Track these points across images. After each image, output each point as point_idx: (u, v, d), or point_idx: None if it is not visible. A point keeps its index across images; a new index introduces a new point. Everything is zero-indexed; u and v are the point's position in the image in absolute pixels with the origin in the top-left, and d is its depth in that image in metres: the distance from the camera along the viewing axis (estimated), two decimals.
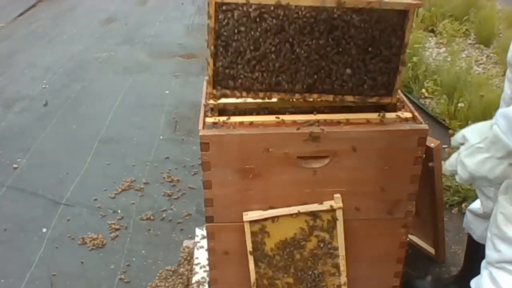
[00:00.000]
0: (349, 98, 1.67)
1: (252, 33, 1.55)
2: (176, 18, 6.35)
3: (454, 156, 1.41)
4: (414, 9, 1.56)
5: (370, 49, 1.59)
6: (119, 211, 2.80)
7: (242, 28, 1.55)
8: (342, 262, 1.73)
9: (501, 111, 1.29)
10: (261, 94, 1.66)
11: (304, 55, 1.58)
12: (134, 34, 5.82)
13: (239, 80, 1.63)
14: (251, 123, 1.63)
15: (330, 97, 1.66)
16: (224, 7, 1.53)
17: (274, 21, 1.54)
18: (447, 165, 1.44)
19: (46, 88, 4.43)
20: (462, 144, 1.39)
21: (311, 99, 1.67)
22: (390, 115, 1.67)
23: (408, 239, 1.82)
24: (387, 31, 1.58)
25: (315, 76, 1.62)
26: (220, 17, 1.54)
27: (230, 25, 1.55)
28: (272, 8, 1.52)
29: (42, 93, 4.32)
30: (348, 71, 1.62)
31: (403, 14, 1.56)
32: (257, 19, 1.54)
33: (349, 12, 1.53)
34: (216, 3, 1.51)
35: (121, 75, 4.67)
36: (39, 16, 6.51)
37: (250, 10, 1.52)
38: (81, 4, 7.01)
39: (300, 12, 1.53)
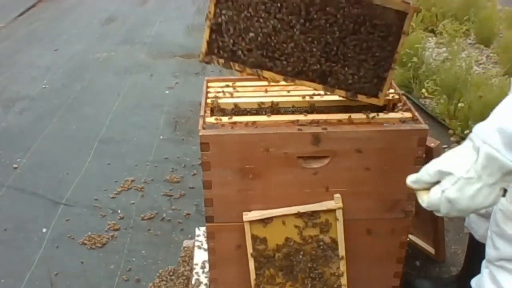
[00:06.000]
0: (340, 92, 1.65)
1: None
2: (176, 18, 6.36)
3: (434, 195, 1.16)
4: (413, 13, 1.56)
5: (364, 45, 1.58)
6: (119, 211, 2.80)
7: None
8: (342, 262, 1.73)
9: (492, 127, 1.09)
10: (252, 70, 1.61)
11: (299, 39, 1.56)
12: (134, 34, 5.82)
13: (237, 53, 1.58)
14: (251, 123, 1.63)
15: (320, 87, 1.63)
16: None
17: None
18: (427, 204, 1.18)
19: (46, 88, 4.43)
20: (436, 182, 1.16)
21: (299, 84, 1.64)
22: (390, 115, 1.67)
23: (408, 239, 1.82)
24: (383, 30, 1.56)
25: (307, 62, 1.59)
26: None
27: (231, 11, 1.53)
28: None
29: (42, 93, 4.32)
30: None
31: (402, 15, 1.55)
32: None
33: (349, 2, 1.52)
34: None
35: (121, 75, 4.68)
36: (39, 16, 6.52)
37: None
38: (81, 4, 7.01)
39: None
